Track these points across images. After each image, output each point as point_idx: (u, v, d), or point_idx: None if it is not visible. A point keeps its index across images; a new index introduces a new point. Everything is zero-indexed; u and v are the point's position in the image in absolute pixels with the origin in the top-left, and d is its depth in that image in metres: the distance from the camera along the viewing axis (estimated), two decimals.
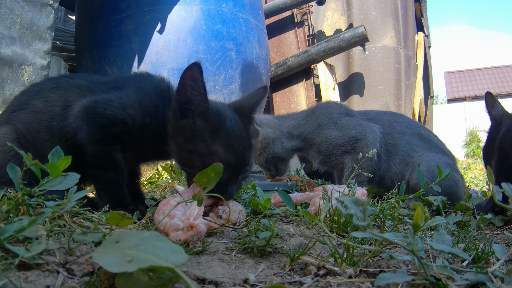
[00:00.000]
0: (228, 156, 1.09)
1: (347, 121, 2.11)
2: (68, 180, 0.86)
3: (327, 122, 2.11)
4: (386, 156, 2.10)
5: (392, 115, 2.35)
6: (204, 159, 1.08)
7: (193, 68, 1.05)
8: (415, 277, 0.70)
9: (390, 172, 2.10)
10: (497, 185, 0.88)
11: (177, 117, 1.11)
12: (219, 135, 1.10)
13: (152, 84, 1.22)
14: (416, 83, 5.78)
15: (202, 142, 1.09)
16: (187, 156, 1.11)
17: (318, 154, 2.12)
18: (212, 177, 0.97)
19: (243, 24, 2.89)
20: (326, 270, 0.80)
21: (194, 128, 1.10)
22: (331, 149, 2.06)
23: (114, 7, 2.75)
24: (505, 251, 0.86)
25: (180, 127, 1.11)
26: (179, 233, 0.94)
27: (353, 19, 5.33)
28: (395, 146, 2.10)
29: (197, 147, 1.09)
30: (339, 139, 2.04)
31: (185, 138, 1.11)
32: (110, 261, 0.60)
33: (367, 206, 0.66)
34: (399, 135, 2.13)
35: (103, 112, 1.12)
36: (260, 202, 1.29)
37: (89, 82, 1.26)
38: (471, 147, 11.46)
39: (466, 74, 21.83)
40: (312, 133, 2.12)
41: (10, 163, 0.88)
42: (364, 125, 2.08)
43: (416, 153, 2.06)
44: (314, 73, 4.84)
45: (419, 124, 2.41)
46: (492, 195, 0.81)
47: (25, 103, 1.23)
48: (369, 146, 1.98)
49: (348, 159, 2.05)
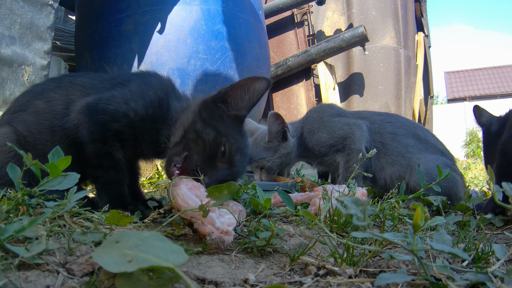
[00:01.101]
0: (233, 160, 1.13)
1: (335, 122, 2.24)
2: (68, 180, 0.86)
3: (318, 126, 2.27)
4: (375, 154, 2.16)
5: (386, 115, 2.41)
6: (218, 137, 1.10)
7: (263, 81, 1.14)
8: (415, 277, 0.70)
9: (383, 171, 2.15)
10: (497, 185, 0.88)
11: (216, 99, 1.16)
12: (240, 142, 1.16)
13: (158, 79, 1.24)
14: (416, 83, 5.78)
15: (225, 129, 1.13)
16: (203, 128, 1.11)
17: (314, 157, 2.29)
18: (224, 193, 0.97)
19: (243, 24, 2.89)
20: (326, 270, 0.80)
21: (225, 116, 1.15)
22: (324, 150, 2.21)
23: (114, 7, 2.75)
24: (505, 251, 0.86)
25: (213, 106, 1.16)
26: (211, 229, 0.94)
27: (353, 19, 5.33)
28: (385, 145, 2.16)
29: (218, 125, 1.12)
30: (329, 140, 2.19)
31: (213, 115, 1.14)
32: (110, 261, 0.60)
33: (367, 206, 0.66)
34: (390, 135, 2.19)
35: (105, 108, 1.12)
36: (260, 202, 1.29)
37: (93, 80, 1.26)
38: (471, 147, 11.46)
39: (466, 74, 21.84)
40: (307, 138, 2.28)
41: (10, 163, 0.88)
42: (351, 124, 2.20)
43: (412, 154, 2.11)
44: (314, 73, 4.85)
45: (416, 124, 2.43)
46: (493, 195, 0.81)
47: (27, 104, 1.23)
48: (355, 142, 2.12)
49: (340, 157, 2.19)
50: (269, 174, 2.25)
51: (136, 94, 1.16)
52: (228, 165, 1.12)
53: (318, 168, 2.43)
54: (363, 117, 2.28)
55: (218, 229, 0.93)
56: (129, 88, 1.18)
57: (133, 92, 1.17)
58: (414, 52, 5.97)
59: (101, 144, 1.13)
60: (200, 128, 1.10)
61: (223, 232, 0.94)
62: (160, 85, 1.21)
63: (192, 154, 1.08)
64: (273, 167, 2.23)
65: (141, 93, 1.16)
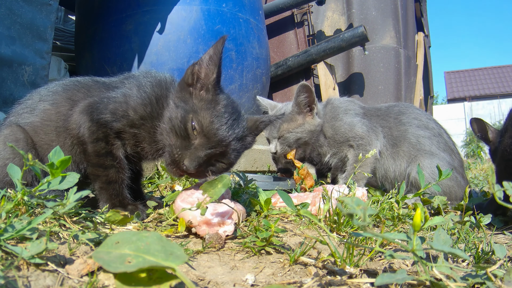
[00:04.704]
0: (211, 127, 1.06)
1: (357, 119, 2.19)
2: (68, 180, 0.86)
3: (342, 114, 2.22)
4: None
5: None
6: (186, 115, 1.07)
7: (220, 41, 1.07)
8: (415, 277, 0.70)
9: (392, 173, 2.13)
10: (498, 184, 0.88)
11: (187, 81, 1.13)
12: (215, 107, 1.09)
13: (155, 77, 1.24)
14: (416, 83, 5.78)
15: (193, 103, 1.09)
16: (176, 111, 1.09)
17: (330, 147, 2.20)
18: (218, 188, 0.97)
19: (243, 24, 2.89)
20: (326, 270, 0.80)
21: (194, 93, 1.11)
22: (342, 139, 2.18)
23: (114, 7, 2.75)
24: (505, 251, 0.86)
25: (183, 88, 1.13)
26: (206, 228, 0.97)
27: (353, 19, 5.32)
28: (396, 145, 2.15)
29: (188, 105, 1.09)
30: (349, 132, 2.15)
31: (183, 96, 1.12)
32: (110, 261, 0.60)
33: (367, 206, 0.66)
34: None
35: (105, 108, 1.14)
36: (260, 202, 1.29)
37: (96, 82, 1.29)
38: (471, 147, 11.47)
39: (466, 74, 21.84)
40: (327, 125, 2.22)
41: (10, 163, 0.88)
42: (369, 126, 2.19)
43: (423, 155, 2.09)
44: (314, 73, 4.84)
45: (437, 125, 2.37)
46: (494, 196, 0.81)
47: (33, 105, 1.26)
48: (371, 144, 2.11)
49: (350, 154, 2.16)
50: (283, 146, 2.13)
51: (135, 93, 1.17)
52: (206, 139, 1.07)
53: (331, 160, 2.28)
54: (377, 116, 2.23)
55: (215, 225, 0.97)
56: (128, 88, 1.20)
57: (132, 91, 1.18)
58: (414, 52, 5.97)
59: (102, 143, 1.14)
60: (173, 114, 1.09)
61: (221, 223, 0.97)
62: (159, 83, 1.21)
63: (171, 144, 1.08)
64: (290, 139, 2.11)
65: (139, 92, 1.17)
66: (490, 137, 1.84)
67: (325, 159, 2.25)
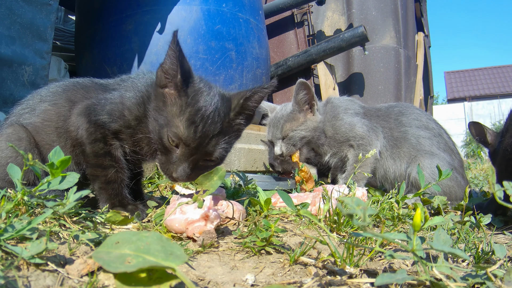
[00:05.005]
0: (187, 134, 1.03)
1: (357, 119, 2.19)
2: (68, 180, 0.86)
3: (341, 113, 2.22)
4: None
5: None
6: (161, 130, 1.05)
7: (173, 37, 1.01)
8: (415, 277, 0.70)
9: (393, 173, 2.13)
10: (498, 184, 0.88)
11: (159, 84, 1.10)
12: (187, 110, 1.04)
13: (150, 77, 1.23)
14: (416, 83, 5.78)
15: (167, 112, 1.06)
16: (154, 126, 1.08)
17: (330, 147, 2.19)
18: (214, 180, 0.97)
19: (243, 24, 2.89)
20: (326, 270, 0.80)
21: (166, 97, 1.08)
22: (342, 138, 2.18)
23: (114, 7, 2.75)
24: (505, 251, 0.86)
25: (157, 93, 1.10)
26: (196, 226, 0.96)
27: (353, 19, 5.32)
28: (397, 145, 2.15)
29: (162, 116, 1.06)
30: (349, 132, 2.16)
31: (157, 106, 1.09)
32: (110, 261, 0.60)
33: (367, 206, 0.66)
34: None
35: (102, 109, 1.15)
36: (260, 202, 1.29)
37: (95, 83, 1.30)
38: (471, 147, 11.47)
39: (466, 74, 21.84)
40: (328, 124, 2.23)
41: (10, 163, 0.88)
42: (370, 127, 2.20)
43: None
44: (314, 73, 4.84)
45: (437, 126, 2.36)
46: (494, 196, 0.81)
47: (34, 106, 1.26)
48: (371, 145, 2.11)
49: (350, 154, 2.16)
50: (289, 146, 2.11)
51: (130, 93, 1.18)
52: (185, 147, 1.04)
53: (331, 160, 2.26)
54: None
55: (199, 221, 0.96)
56: (124, 89, 1.21)
57: (127, 92, 1.19)
58: (414, 52, 5.97)
59: (101, 143, 1.15)
60: (151, 128, 1.09)
61: (205, 217, 0.96)
62: (153, 83, 1.20)
63: (158, 158, 1.11)
64: (295, 138, 2.08)
65: (133, 92, 1.18)
66: (489, 139, 1.85)
67: (325, 158, 2.24)
